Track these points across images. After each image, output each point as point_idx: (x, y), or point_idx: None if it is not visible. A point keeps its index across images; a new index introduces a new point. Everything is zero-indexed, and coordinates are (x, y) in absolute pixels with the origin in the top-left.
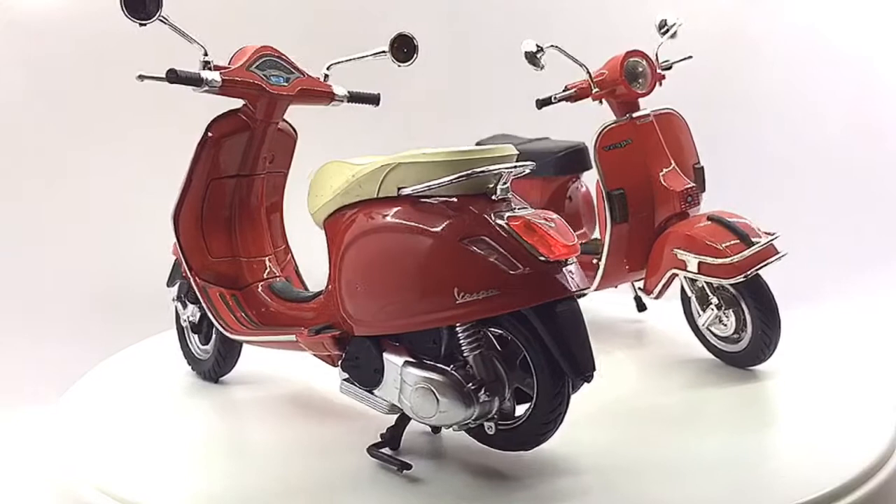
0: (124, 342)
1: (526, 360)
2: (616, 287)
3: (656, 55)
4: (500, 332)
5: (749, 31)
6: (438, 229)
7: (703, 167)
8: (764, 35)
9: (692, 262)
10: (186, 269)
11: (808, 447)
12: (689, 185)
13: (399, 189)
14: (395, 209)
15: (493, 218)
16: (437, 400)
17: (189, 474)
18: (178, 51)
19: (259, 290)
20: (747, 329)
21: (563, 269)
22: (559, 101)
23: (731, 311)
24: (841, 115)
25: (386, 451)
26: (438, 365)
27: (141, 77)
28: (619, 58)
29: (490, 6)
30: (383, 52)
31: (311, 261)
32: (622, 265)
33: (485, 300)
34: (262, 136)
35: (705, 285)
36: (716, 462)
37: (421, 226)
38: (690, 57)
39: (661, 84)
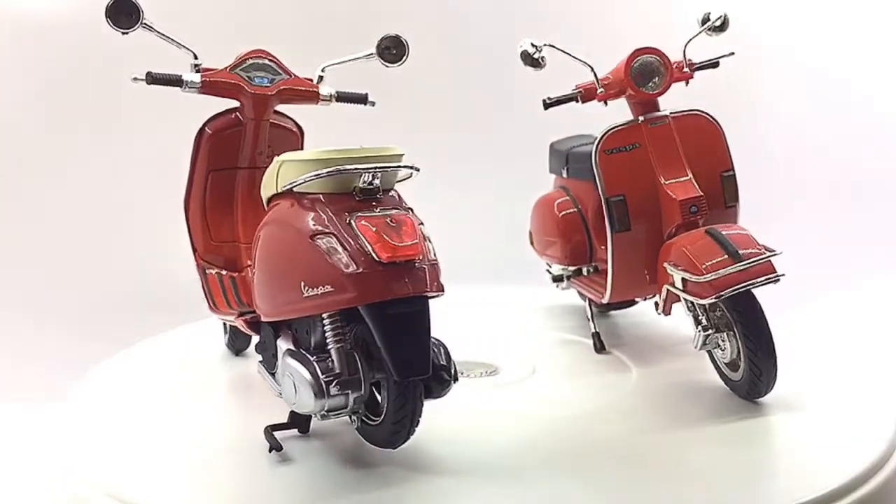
0: (125, 341)
1: None
2: (639, 300)
3: (684, 52)
4: None
5: (750, 30)
6: (297, 225)
7: (733, 175)
8: (765, 35)
9: (677, 277)
10: (192, 250)
11: (807, 447)
12: (692, 195)
13: (283, 186)
14: (278, 205)
15: (345, 217)
16: (295, 388)
17: (189, 474)
18: (178, 51)
19: (251, 273)
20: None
21: (403, 270)
22: (566, 101)
23: (728, 334)
24: (842, 115)
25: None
26: (305, 355)
27: (135, 79)
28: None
29: (497, 5)
30: (370, 55)
31: None
32: (636, 276)
33: (322, 296)
34: (255, 133)
35: (695, 305)
36: (715, 462)
37: (287, 221)
38: (732, 53)
39: (687, 84)
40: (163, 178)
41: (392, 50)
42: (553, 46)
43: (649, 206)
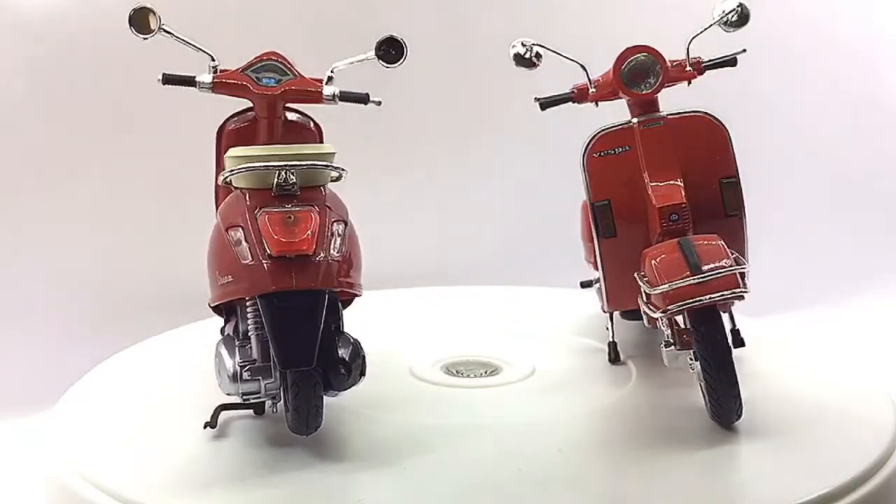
0: (124, 342)
1: None
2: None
3: (687, 49)
4: None
5: (751, 26)
6: (220, 217)
7: (734, 182)
8: (766, 31)
9: (643, 289)
10: None
11: (807, 447)
12: (673, 202)
13: (221, 181)
14: (222, 197)
15: (255, 211)
16: (218, 371)
17: (189, 474)
18: (179, 52)
19: None
20: None
21: (292, 265)
22: (561, 102)
23: (694, 354)
24: (846, 114)
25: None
26: (232, 341)
27: (159, 80)
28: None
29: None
30: (370, 57)
31: None
32: (631, 284)
33: (226, 285)
34: (269, 130)
35: (660, 318)
36: (715, 462)
37: (219, 213)
38: (744, 51)
39: (689, 84)
40: (161, 181)
41: (391, 51)
42: (543, 46)
43: (636, 212)
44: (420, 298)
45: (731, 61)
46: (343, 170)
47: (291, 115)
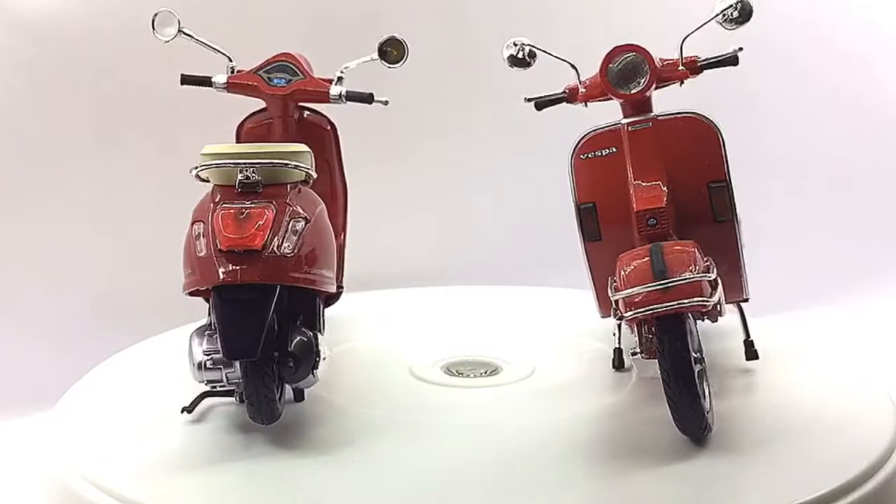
0: (124, 342)
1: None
2: None
3: (681, 48)
4: None
5: (749, 28)
6: (193, 211)
7: (724, 186)
8: (764, 31)
9: (610, 294)
10: None
11: (806, 447)
12: (651, 206)
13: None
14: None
15: (217, 207)
16: (189, 361)
17: (190, 474)
18: (182, 52)
19: None
20: None
21: (239, 259)
22: (555, 102)
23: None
24: (845, 115)
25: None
26: (204, 331)
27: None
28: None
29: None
30: (374, 58)
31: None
32: None
33: (187, 276)
34: (283, 128)
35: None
36: (715, 462)
37: (194, 208)
38: (741, 49)
39: (681, 84)
40: (161, 181)
41: (394, 51)
42: (534, 46)
43: (622, 216)
44: (420, 298)
45: (731, 60)
46: (308, 168)
47: (308, 114)
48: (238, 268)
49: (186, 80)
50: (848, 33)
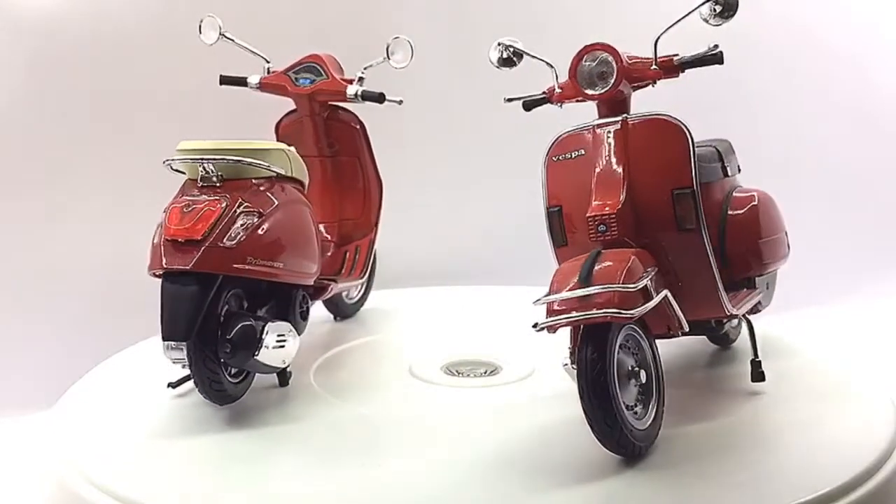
0: (124, 342)
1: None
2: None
3: (655, 47)
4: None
5: (746, 29)
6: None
7: (689, 193)
8: (761, 33)
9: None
10: None
11: (807, 447)
12: (601, 213)
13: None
14: None
15: (178, 198)
16: None
17: (190, 474)
18: (182, 53)
19: None
20: None
21: (177, 248)
22: (540, 103)
23: None
24: (841, 115)
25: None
26: None
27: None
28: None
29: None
30: (383, 60)
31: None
32: None
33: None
34: (312, 126)
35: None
36: (715, 462)
37: None
38: (716, 46)
39: (654, 84)
40: (161, 179)
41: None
42: (516, 48)
43: (583, 219)
44: (420, 298)
45: (715, 58)
46: (266, 166)
47: (339, 113)
48: (177, 256)
49: (225, 80)
50: (844, 35)
